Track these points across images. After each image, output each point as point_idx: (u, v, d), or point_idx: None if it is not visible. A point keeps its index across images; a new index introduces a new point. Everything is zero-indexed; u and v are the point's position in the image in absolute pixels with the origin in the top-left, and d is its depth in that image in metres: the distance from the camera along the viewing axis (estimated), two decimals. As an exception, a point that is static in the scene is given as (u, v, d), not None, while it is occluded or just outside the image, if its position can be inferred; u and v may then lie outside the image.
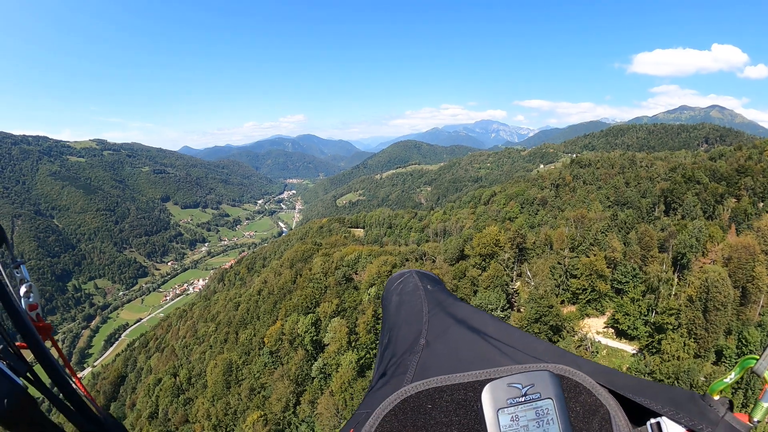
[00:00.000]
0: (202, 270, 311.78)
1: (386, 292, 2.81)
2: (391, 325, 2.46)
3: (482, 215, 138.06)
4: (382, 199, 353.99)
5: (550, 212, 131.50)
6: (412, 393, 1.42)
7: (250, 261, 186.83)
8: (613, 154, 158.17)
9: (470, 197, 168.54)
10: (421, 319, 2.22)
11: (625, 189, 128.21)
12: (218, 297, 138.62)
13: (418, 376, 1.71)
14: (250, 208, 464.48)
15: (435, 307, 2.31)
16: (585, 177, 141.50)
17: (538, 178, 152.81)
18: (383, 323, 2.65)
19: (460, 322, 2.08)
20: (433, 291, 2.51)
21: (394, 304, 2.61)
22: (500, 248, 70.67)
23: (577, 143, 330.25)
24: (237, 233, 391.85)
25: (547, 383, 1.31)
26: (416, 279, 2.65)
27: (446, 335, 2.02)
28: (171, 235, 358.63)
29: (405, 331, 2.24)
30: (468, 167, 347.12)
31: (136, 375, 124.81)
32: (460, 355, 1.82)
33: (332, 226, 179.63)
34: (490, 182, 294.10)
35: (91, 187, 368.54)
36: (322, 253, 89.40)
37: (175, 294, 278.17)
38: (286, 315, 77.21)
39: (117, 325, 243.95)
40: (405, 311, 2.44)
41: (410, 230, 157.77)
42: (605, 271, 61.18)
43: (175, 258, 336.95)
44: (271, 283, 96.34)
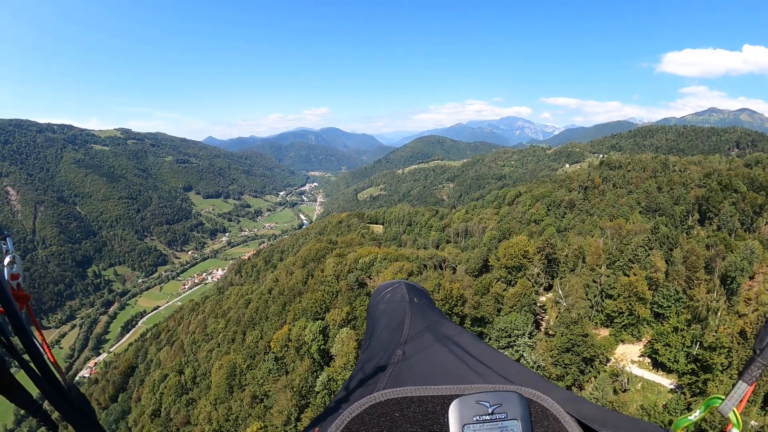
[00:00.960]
0: (222, 260, 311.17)
1: (373, 300, 2.93)
2: (373, 331, 2.58)
3: (506, 216, 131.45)
4: (403, 194, 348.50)
5: (578, 216, 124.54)
6: (381, 400, 1.43)
7: (268, 254, 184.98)
8: (644, 157, 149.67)
9: (494, 197, 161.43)
10: (402, 330, 2.29)
11: (657, 194, 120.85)
12: (231, 292, 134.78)
13: (390, 385, 1.77)
14: (272, 199, 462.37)
15: (418, 320, 2.38)
16: (615, 180, 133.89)
17: (566, 179, 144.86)
18: (367, 330, 2.77)
19: (440, 337, 2.14)
20: (419, 304, 2.60)
21: (380, 312, 2.72)
22: (529, 261, 63.76)
23: (604, 143, 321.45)
24: (258, 224, 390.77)
25: (515, 404, 1.31)
26: (404, 290, 2.75)
27: (424, 349, 2.08)
28: (192, 224, 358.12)
29: (385, 340, 2.31)
30: (491, 164, 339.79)
31: (146, 367, 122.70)
32: (434, 370, 1.88)
33: (351, 222, 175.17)
34: (514, 180, 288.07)
35: (114, 175, 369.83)
36: (336, 254, 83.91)
37: (193, 283, 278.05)
38: (294, 319, 72.49)
39: (134, 312, 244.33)
40: (388, 321, 2.52)
41: (430, 229, 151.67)
42: (646, 294, 53.85)
43: (195, 247, 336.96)
44: (283, 282, 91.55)
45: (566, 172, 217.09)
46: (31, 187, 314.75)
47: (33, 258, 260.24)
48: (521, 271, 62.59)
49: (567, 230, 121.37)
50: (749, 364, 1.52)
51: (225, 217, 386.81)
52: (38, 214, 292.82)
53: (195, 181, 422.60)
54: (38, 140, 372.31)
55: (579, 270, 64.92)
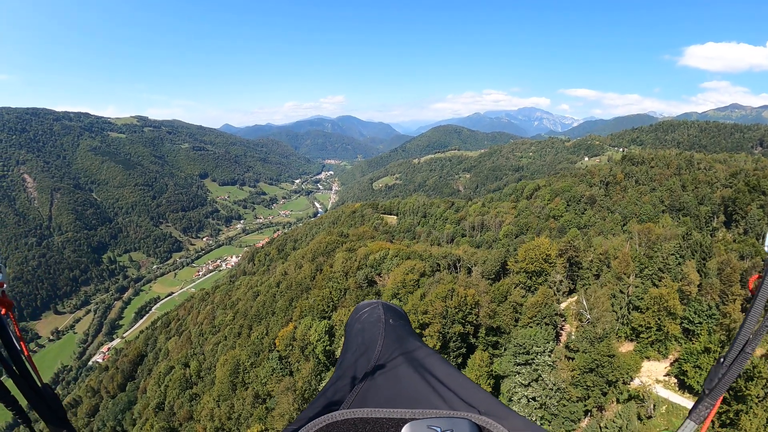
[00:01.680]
0: (236, 247, 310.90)
1: (351, 318, 2.98)
2: (347, 350, 2.62)
3: (524, 211, 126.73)
4: (418, 184, 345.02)
5: (599, 213, 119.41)
6: (338, 419, 1.45)
7: (281, 242, 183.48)
8: (668, 153, 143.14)
9: (511, 189, 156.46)
10: (373, 350, 2.33)
11: (682, 193, 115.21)
12: (241, 282, 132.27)
13: (354, 405, 1.80)
14: (287, 187, 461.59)
15: (391, 341, 2.41)
16: (638, 176, 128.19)
17: (586, 174, 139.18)
18: (343, 347, 2.79)
19: (410, 360, 2.17)
20: (393, 326, 2.64)
21: (355, 331, 2.76)
22: (551, 265, 58.79)
23: (625, 137, 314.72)
24: (273, 212, 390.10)
25: (465, 430, 1.30)
26: (380, 311, 2.80)
27: (392, 370, 2.10)
28: (207, 211, 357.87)
29: (356, 359, 2.34)
30: (509, 155, 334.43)
31: (154, 356, 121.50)
32: (399, 392, 1.91)
33: (365, 212, 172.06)
34: (532, 172, 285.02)
35: (131, 162, 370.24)
36: (346, 248, 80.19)
37: (207, 269, 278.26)
38: (300, 316, 69.24)
39: (148, 298, 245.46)
40: (362, 340, 2.55)
41: (445, 221, 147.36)
42: (677, 309, 48.61)
43: (210, 234, 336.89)
44: (291, 275, 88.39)
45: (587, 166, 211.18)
46: (47, 175, 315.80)
47: (49, 244, 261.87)
48: (542, 276, 58.17)
49: (587, 227, 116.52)
50: (698, 403, 1.52)
51: (240, 205, 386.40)
52: (54, 201, 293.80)
53: (211, 169, 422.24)
54: (55, 128, 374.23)
55: (604, 276, 59.92)
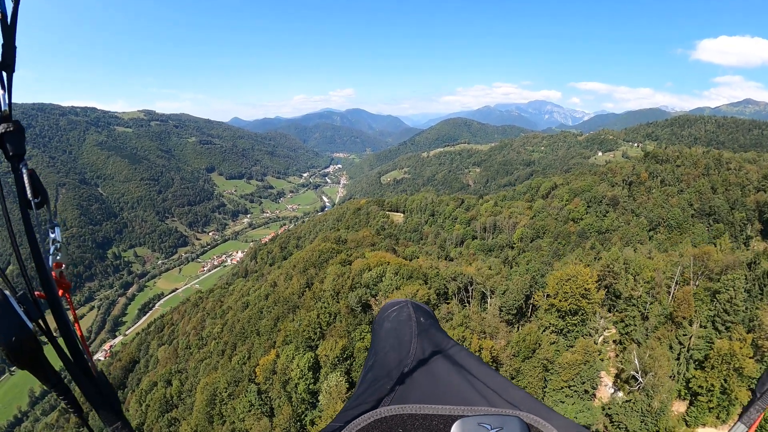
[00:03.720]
0: (242, 242, 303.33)
1: (379, 317, 2.91)
2: (378, 349, 2.56)
3: (541, 212, 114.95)
4: (427, 178, 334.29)
5: (623, 216, 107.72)
6: (386, 415, 1.45)
7: (284, 240, 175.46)
8: (694, 151, 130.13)
9: (525, 187, 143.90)
10: (408, 349, 2.31)
11: (712, 196, 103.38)
12: (234, 287, 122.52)
13: (395, 402, 1.82)
14: (295, 181, 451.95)
15: (424, 340, 2.39)
16: (663, 175, 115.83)
17: (607, 172, 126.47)
18: (371, 346, 2.75)
19: (445, 358, 2.17)
20: (424, 325, 2.59)
21: (385, 330, 2.71)
22: (590, 302, 45.87)
23: (639, 131, 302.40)
24: (280, 206, 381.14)
25: (516, 428, 1.29)
26: (410, 310, 2.75)
27: (429, 368, 2.11)
28: (214, 205, 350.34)
29: (390, 358, 2.33)
30: (520, 149, 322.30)
31: (145, 363, 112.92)
32: (438, 390, 1.92)
33: (370, 209, 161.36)
34: (543, 167, 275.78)
35: (137, 156, 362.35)
36: (341, 259, 68.67)
37: (212, 265, 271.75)
38: (284, 341, 58.43)
39: (152, 294, 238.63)
40: (394, 339, 2.52)
41: (455, 221, 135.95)
42: (749, 368, 36.14)
43: (216, 228, 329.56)
44: (280, 288, 77.59)
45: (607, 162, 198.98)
46: (53, 170, 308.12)
47: None
48: (578, 314, 45.90)
49: (609, 232, 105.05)
50: (749, 406, 1.51)
51: (247, 199, 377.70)
52: (59, 197, 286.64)
53: (218, 162, 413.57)
54: (61, 123, 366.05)
55: (653, 317, 46.91)
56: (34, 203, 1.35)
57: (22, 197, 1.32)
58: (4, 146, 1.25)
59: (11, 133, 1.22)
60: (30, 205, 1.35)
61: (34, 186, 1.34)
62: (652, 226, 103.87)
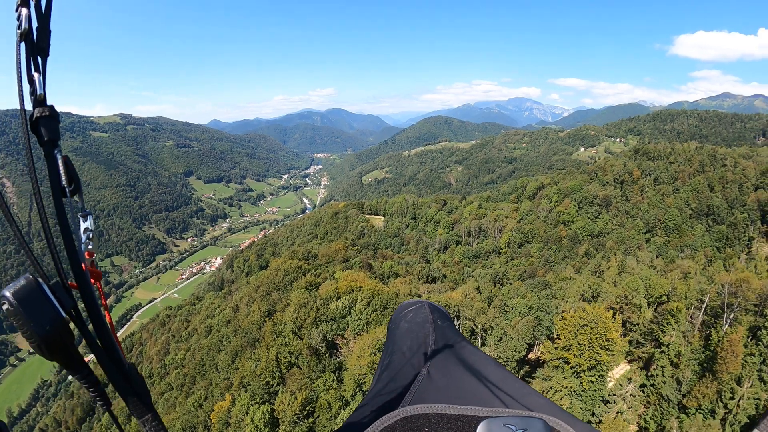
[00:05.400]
0: (221, 247, 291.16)
1: (395, 316, 2.91)
2: (395, 349, 2.55)
3: (528, 215, 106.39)
4: (409, 177, 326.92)
5: (616, 217, 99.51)
6: (413, 413, 1.43)
7: (261, 247, 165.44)
8: (687, 146, 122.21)
9: (511, 187, 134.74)
10: (425, 350, 2.32)
11: (710, 194, 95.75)
12: (203, 305, 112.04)
13: (414, 402, 1.82)
14: (275, 183, 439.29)
15: (441, 342, 2.38)
16: (656, 173, 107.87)
17: (597, 170, 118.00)
18: (387, 345, 2.75)
19: (463, 360, 2.17)
20: (441, 326, 2.58)
21: (402, 330, 2.70)
22: (611, 354, 36.05)
23: (621, 126, 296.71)
24: (260, 209, 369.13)
25: (540, 431, 1.26)
26: (427, 311, 2.74)
27: (448, 370, 2.11)
28: (192, 210, 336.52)
29: (408, 358, 2.33)
30: (502, 147, 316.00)
31: (112, 389, 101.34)
32: (457, 391, 1.91)
33: (349, 213, 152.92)
34: (525, 164, 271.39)
35: (113, 162, 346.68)
36: (307, 282, 58.62)
37: (191, 272, 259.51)
38: (241, 384, 48.61)
39: (130, 305, 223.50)
40: (411, 339, 2.51)
41: (437, 225, 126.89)
42: None
43: (194, 234, 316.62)
44: (242, 313, 67.48)
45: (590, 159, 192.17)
46: (27, 179, 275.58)
47: None
48: (596, 368, 35.61)
49: (603, 235, 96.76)
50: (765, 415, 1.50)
51: (226, 203, 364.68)
52: (33, 206, 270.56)
53: (196, 166, 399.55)
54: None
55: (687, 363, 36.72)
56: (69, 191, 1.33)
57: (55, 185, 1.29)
58: (38, 131, 1.23)
59: (46, 117, 1.20)
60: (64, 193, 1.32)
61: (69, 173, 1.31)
62: (648, 228, 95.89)
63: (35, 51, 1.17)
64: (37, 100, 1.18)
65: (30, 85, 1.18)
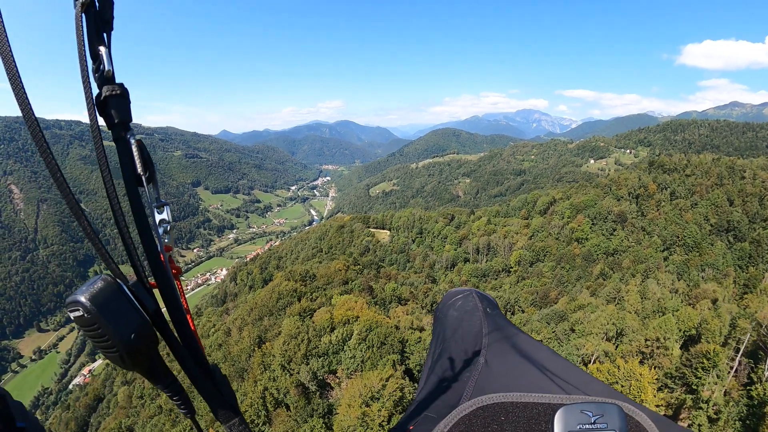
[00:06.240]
0: (228, 258, 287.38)
1: (443, 304, 2.88)
2: (446, 338, 2.53)
3: (540, 231, 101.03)
4: (416, 189, 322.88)
5: (632, 234, 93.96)
6: (489, 403, 1.43)
7: (265, 260, 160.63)
8: (703, 158, 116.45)
9: (521, 202, 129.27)
10: (479, 338, 2.28)
11: (730, 209, 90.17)
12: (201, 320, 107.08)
13: (477, 391, 1.80)
14: (283, 194, 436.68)
15: (494, 330, 2.36)
16: (673, 186, 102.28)
17: (611, 184, 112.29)
18: (436, 334, 2.73)
19: (519, 349, 2.14)
20: (492, 315, 2.57)
21: (451, 318, 2.67)
22: None
23: (631, 137, 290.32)
24: (267, 220, 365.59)
25: (615, 417, 1.27)
26: (476, 299, 2.72)
27: (505, 359, 2.08)
28: (199, 220, 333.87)
29: (462, 347, 2.30)
30: (510, 159, 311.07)
31: (107, 404, 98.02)
32: (518, 380, 1.90)
33: (354, 227, 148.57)
34: (535, 176, 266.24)
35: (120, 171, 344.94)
36: (301, 308, 53.69)
37: (196, 283, 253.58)
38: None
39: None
40: (463, 328, 2.49)
41: (444, 240, 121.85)
42: None
43: (201, 245, 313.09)
44: (233, 338, 62.65)
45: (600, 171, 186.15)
46: (34, 185, 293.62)
47: (33, 258, 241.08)
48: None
49: (619, 253, 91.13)
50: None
51: (233, 213, 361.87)
52: (41, 213, 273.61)
53: (204, 176, 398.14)
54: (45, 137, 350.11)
55: None
56: (144, 179, 1.19)
57: (129, 172, 1.13)
58: (108, 112, 1.10)
59: (116, 96, 1.07)
60: (139, 181, 1.18)
61: (143, 158, 1.15)
62: (666, 246, 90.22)
63: (99, 23, 1.06)
64: (104, 77, 1.07)
65: (94, 61, 1.03)
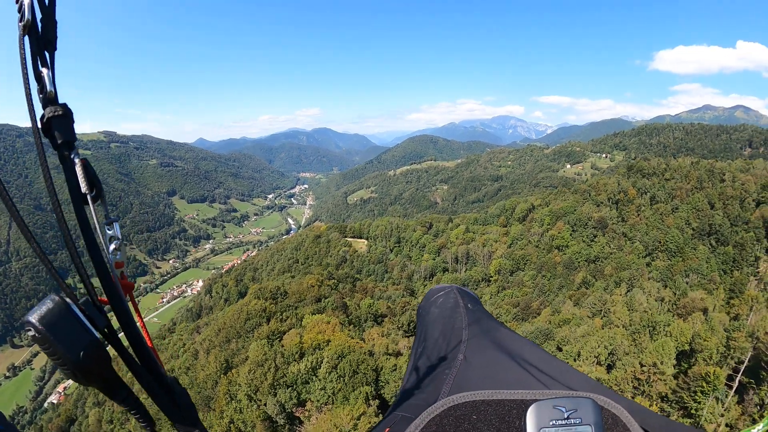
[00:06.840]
0: (204, 269, 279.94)
1: (425, 302, 2.87)
2: (428, 335, 2.50)
3: (519, 239, 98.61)
4: (395, 197, 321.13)
5: (613, 241, 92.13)
6: (459, 402, 1.42)
7: (240, 272, 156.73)
8: (682, 162, 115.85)
9: (499, 209, 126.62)
10: (459, 335, 2.26)
11: (711, 212, 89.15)
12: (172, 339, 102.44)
13: (455, 388, 1.77)
14: (260, 203, 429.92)
15: (474, 325, 2.34)
16: (653, 191, 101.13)
17: (590, 190, 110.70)
18: (419, 332, 2.70)
19: (499, 344, 2.12)
20: (473, 310, 2.54)
21: (433, 315, 2.65)
22: None
23: (606, 142, 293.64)
24: (244, 230, 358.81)
25: (589, 410, 1.26)
26: (457, 296, 2.70)
27: (484, 354, 2.05)
28: (174, 231, 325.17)
29: (442, 344, 2.28)
30: (487, 165, 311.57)
31: (78, 427, 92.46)
32: (497, 376, 1.87)
33: (331, 237, 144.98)
34: (512, 182, 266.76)
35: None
36: (269, 331, 49.77)
37: (172, 296, 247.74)
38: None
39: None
40: (444, 325, 2.47)
41: (422, 249, 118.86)
42: None
43: (177, 255, 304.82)
44: (200, 362, 58.44)
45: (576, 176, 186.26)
46: (16, 193, 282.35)
47: (6, 271, 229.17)
48: None
49: (600, 260, 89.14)
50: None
51: (209, 223, 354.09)
52: (13, 224, 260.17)
53: (179, 185, 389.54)
54: (17, 145, 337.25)
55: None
56: (90, 197, 1.21)
57: (74, 191, 1.15)
58: (51, 133, 1.11)
59: (59, 117, 1.08)
60: (85, 200, 1.20)
61: (89, 177, 1.16)
62: (648, 252, 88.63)
63: (42, 44, 1.07)
64: (47, 98, 1.09)
65: (38, 82, 1.06)
